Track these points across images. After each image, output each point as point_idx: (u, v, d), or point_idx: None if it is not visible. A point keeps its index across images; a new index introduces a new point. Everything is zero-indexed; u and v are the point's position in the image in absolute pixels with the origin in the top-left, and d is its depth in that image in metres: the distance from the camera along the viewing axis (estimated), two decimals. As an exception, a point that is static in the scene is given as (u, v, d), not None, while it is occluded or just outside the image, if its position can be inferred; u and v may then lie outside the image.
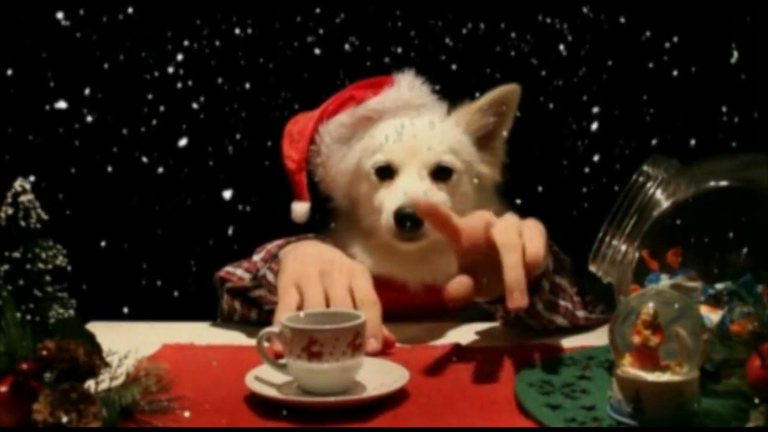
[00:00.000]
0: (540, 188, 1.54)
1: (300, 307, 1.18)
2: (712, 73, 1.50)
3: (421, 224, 1.29)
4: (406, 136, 1.35)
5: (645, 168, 1.12)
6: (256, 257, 1.33)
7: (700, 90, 1.52)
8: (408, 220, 1.29)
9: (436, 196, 1.33)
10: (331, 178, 1.41)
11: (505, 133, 1.40)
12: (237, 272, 1.34)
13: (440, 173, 1.35)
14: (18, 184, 0.92)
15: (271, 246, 1.33)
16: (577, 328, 1.30)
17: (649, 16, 1.52)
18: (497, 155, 1.41)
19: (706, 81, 1.51)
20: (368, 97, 1.40)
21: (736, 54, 1.48)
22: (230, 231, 1.55)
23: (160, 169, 1.59)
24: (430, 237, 1.32)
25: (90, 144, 1.58)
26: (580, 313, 1.30)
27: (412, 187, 1.32)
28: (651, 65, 1.53)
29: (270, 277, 1.28)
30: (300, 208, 1.40)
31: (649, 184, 1.10)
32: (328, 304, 1.18)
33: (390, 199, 1.33)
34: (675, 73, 1.51)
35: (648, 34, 1.53)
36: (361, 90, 1.41)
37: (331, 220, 1.45)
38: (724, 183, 1.09)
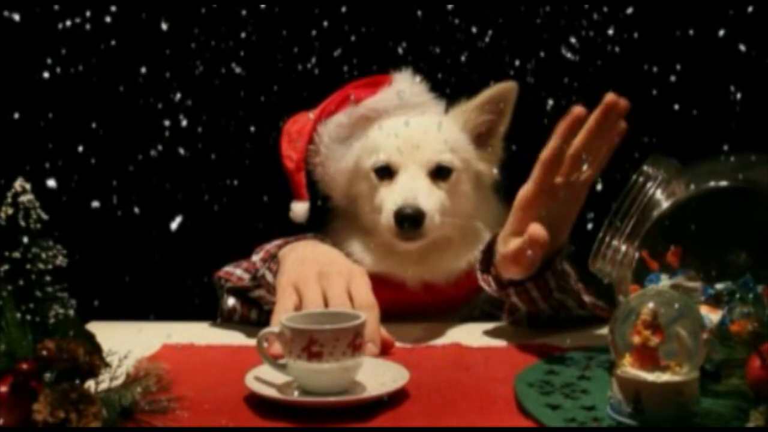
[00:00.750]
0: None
1: (298, 309, 1.18)
2: (712, 73, 1.50)
3: (420, 224, 1.29)
4: (404, 136, 1.35)
5: (645, 168, 1.12)
6: (255, 257, 1.33)
7: (701, 90, 1.52)
8: (407, 221, 1.29)
9: (435, 195, 1.33)
10: (330, 178, 1.41)
11: (502, 131, 1.40)
12: (236, 272, 1.34)
13: (439, 172, 1.36)
14: (18, 184, 0.91)
15: (270, 246, 1.33)
16: (577, 325, 1.31)
17: (650, 15, 1.52)
18: (495, 153, 1.42)
19: (706, 81, 1.51)
20: (366, 96, 1.40)
21: (736, 54, 1.48)
22: (230, 231, 1.55)
23: (160, 169, 1.59)
24: (430, 236, 1.32)
25: (90, 144, 1.58)
26: (586, 298, 1.31)
27: (411, 187, 1.32)
28: (651, 65, 1.52)
29: (269, 277, 1.28)
30: (299, 208, 1.40)
31: (649, 184, 1.10)
32: (326, 306, 1.18)
33: (390, 199, 1.33)
34: (675, 73, 1.51)
35: (648, 33, 1.52)
36: (360, 89, 1.41)
37: (330, 219, 1.45)
38: (724, 183, 1.09)
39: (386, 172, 1.36)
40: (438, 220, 1.32)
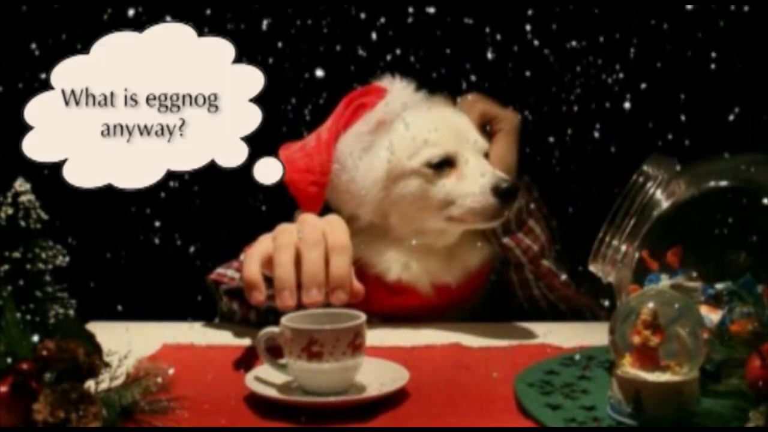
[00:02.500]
0: (540, 188, 1.54)
1: (270, 253, 1.15)
2: (712, 72, 1.50)
3: (516, 195, 1.30)
4: (446, 125, 1.33)
5: (645, 168, 1.12)
6: (243, 257, 1.32)
7: (701, 90, 1.52)
8: (506, 193, 1.28)
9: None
10: (362, 191, 1.34)
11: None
12: (228, 273, 1.34)
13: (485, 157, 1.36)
14: (18, 184, 0.92)
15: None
16: (576, 324, 1.33)
17: (650, 15, 1.52)
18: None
19: (706, 81, 1.51)
20: (375, 102, 1.36)
21: (736, 54, 1.48)
22: (230, 231, 1.55)
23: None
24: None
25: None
26: (545, 262, 1.37)
27: (487, 168, 1.31)
28: (651, 65, 1.52)
29: None
30: None
31: (649, 184, 1.10)
32: (298, 251, 1.14)
33: (474, 183, 1.30)
34: (675, 72, 1.51)
35: (648, 33, 1.53)
36: (367, 97, 1.37)
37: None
38: (724, 183, 1.09)
39: (444, 165, 1.32)
40: None
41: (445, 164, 1.32)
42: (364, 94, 1.38)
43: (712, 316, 1.00)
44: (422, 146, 1.32)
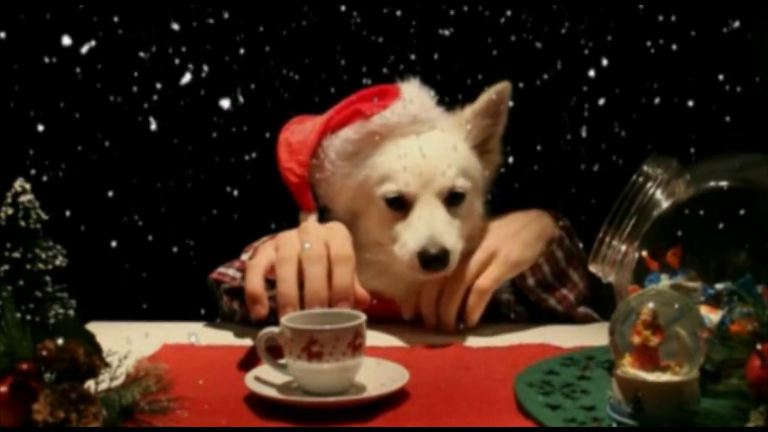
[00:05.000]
0: (540, 188, 1.54)
1: (271, 263, 1.16)
2: (712, 72, 1.50)
3: (446, 263, 1.26)
4: (417, 165, 1.30)
5: (645, 168, 1.12)
6: (245, 256, 1.32)
7: (701, 90, 1.52)
8: (433, 261, 1.26)
9: (454, 226, 1.30)
10: (335, 193, 1.35)
11: (501, 132, 1.38)
12: (229, 272, 1.34)
13: (454, 198, 1.31)
14: (18, 184, 0.92)
15: (258, 243, 1.33)
16: (575, 325, 1.33)
17: (650, 15, 1.52)
18: (494, 159, 1.39)
19: (706, 81, 1.51)
20: (375, 111, 1.33)
21: (736, 54, 1.48)
22: (230, 231, 1.55)
23: (161, 169, 1.59)
24: (451, 269, 1.29)
25: (90, 144, 1.58)
26: (581, 309, 1.34)
27: (431, 224, 1.28)
28: (651, 65, 1.52)
29: None
30: (309, 219, 1.34)
31: (649, 184, 1.10)
32: (300, 261, 1.15)
33: (411, 237, 1.28)
34: (675, 72, 1.51)
35: (649, 33, 1.52)
36: (367, 103, 1.35)
37: None
38: (724, 183, 1.09)
39: (400, 204, 1.31)
40: (459, 251, 1.29)
41: (400, 203, 1.31)
42: (377, 94, 1.36)
43: (712, 316, 1.00)
44: (387, 178, 1.31)
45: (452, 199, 1.31)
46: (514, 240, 1.32)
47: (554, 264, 1.34)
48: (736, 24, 1.48)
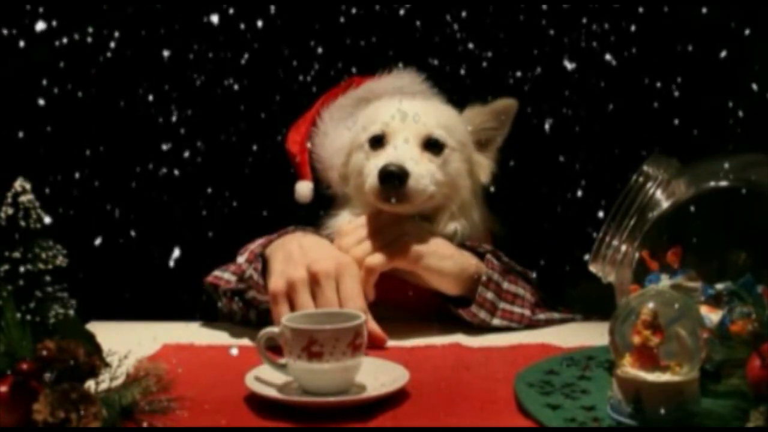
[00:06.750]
0: (540, 189, 1.54)
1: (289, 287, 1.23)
2: (712, 72, 1.50)
3: (404, 182, 1.27)
4: (399, 109, 1.35)
5: (645, 168, 1.12)
6: (241, 259, 1.33)
7: (701, 90, 1.52)
8: (390, 178, 1.27)
9: (423, 162, 1.32)
10: (329, 156, 1.42)
11: (500, 142, 1.40)
12: (224, 276, 1.35)
13: (431, 146, 1.34)
14: (18, 184, 0.92)
15: (254, 246, 1.33)
16: (575, 325, 1.34)
17: (650, 15, 1.52)
18: (490, 162, 1.41)
19: (706, 81, 1.51)
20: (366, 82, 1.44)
21: (736, 54, 1.48)
22: (230, 231, 1.55)
23: (160, 170, 1.59)
24: (414, 201, 1.30)
25: (90, 144, 1.58)
26: (541, 316, 1.36)
27: (398, 152, 1.31)
28: (651, 65, 1.53)
29: (256, 277, 1.28)
30: (304, 188, 1.42)
31: (649, 184, 1.10)
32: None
33: (376, 163, 1.31)
34: (675, 72, 1.51)
35: (648, 33, 1.52)
36: (361, 78, 1.45)
37: (331, 208, 1.44)
38: (724, 183, 1.09)
39: (379, 142, 1.35)
40: (423, 184, 1.29)
41: (379, 142, 1.35)
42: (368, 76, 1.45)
43: (712, 316, 1.00)
44: (372, 122, 1.37)
45: (430, 146, 1.34)
46: (428, 249, 1.30)
47: (496, 287, 1.32)
48: (736, 24, 1.48)
